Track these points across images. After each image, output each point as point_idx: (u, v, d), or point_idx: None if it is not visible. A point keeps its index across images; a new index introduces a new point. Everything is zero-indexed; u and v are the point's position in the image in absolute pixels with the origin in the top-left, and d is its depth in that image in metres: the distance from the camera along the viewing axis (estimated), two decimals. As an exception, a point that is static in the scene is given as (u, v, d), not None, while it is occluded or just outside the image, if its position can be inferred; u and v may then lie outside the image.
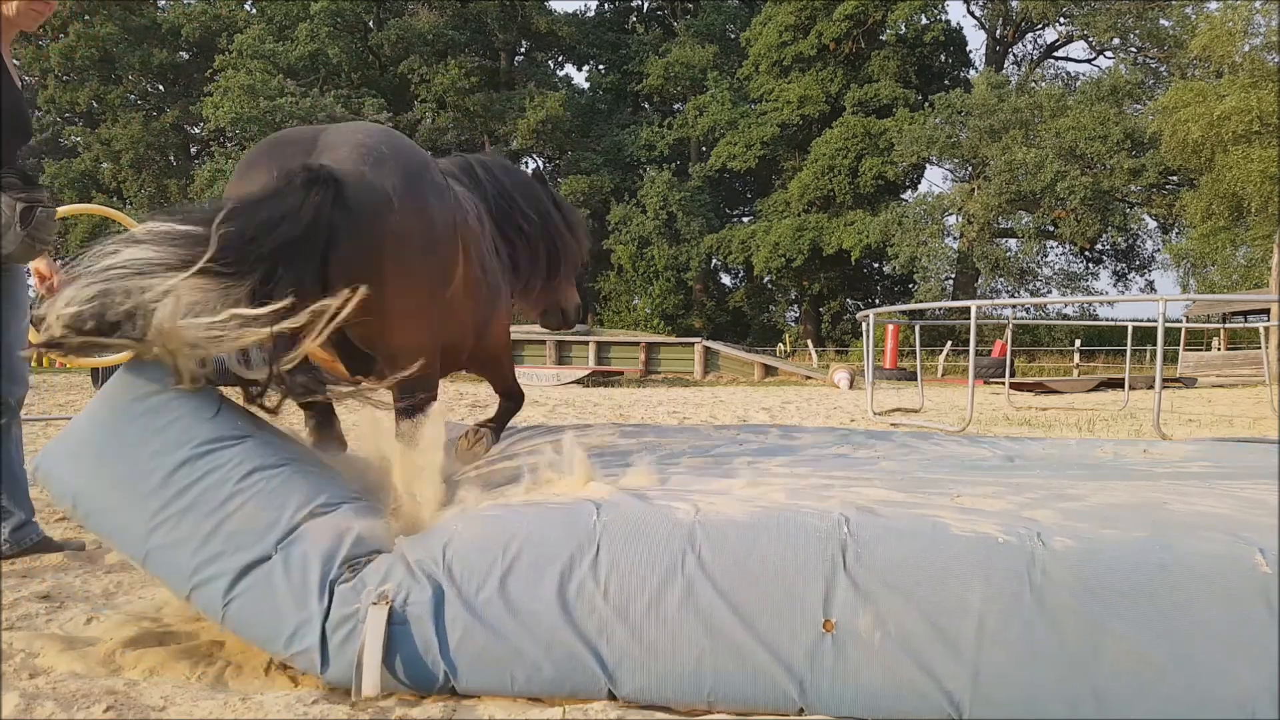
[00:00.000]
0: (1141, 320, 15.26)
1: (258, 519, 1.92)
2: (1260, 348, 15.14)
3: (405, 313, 2.35)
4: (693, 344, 22.82)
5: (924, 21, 35.34)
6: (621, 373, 21.37)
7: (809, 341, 33.26)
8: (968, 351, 13.32)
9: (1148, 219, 34.43)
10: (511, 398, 3.57)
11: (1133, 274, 36.13)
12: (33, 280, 3.09)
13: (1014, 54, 40.80)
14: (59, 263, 3.09)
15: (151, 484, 1.94)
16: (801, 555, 1.76)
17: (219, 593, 1.87)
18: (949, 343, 26.58)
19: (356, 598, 1.84)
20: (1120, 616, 1.62)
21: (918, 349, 12.14)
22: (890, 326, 21.64)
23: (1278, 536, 1.71)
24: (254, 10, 39.55)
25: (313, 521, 1.95)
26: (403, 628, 1.80)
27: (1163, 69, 34.71)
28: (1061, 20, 37.50)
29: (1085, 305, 34.13)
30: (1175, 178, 31.00)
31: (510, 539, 1.89)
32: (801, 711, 1.70)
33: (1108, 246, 35.15)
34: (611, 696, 1.76)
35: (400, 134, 2.52)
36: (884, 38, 35.61)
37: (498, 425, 3.50)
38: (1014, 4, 38.02)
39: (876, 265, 37.62)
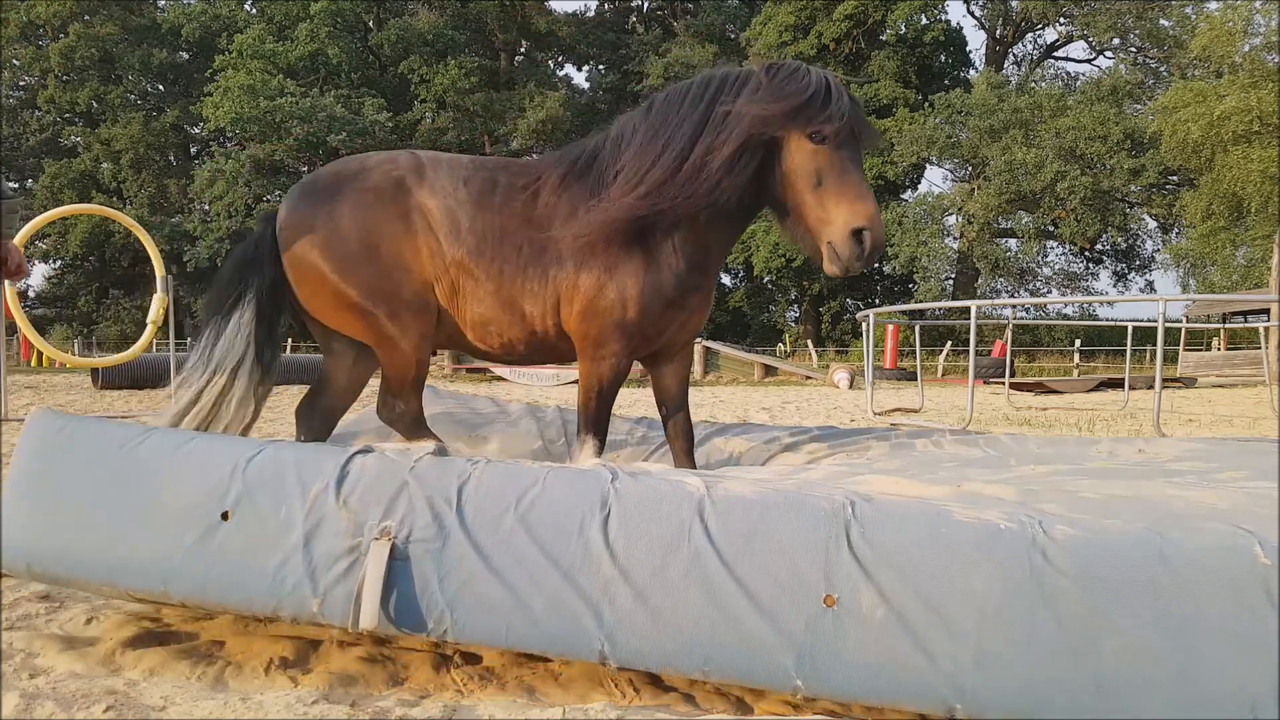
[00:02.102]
0: (1141, 320, 15.25)
1: (193, 492, 1.93)
2: (1260, 348, 15.15)
3: (329, 309, 2.86)
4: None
5: (924, 21, 35.35)
6: (621, 373, 21.36)
7: (809, 341, 33.27)
8: (968, 351, 13.32)
9: (1148, 219, 34.45)
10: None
11: (1133, 274, 36.18)
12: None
13: (1014, 54, 40.86)
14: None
15: (89, 508, 1.95)
16: (807, 532, 1.77)
17: (192, 578, 1.86)
18: (949, 343, 26.59)
19: (359, 531, 1.83)
20: (1121, 606, 1.63)
21: (918, 349, 12.13)
22: (890, 326, 21.64)
23: (1278, 532, 1.71)
24: (254, 10, 39.57)
25: (248, 472, 1.94)
26: (403, 564, 1.79)
27: (1163, 69, 34.74)
28: (1061, 20, 37.53)
29: (1085, 305, 34.15)
30: (1175, 178, 31.02)
31: (526, 490, 1.89)
32: (796, 690, 1.71)
33: (1108, 246, 35.17)
34: (603, 660, 1.75)
35: (367, 154, 3.01)
36: (884, 38, 35.63)
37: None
38: (1014, 4, 38.04)
39: (876, 265, 37.61)
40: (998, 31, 39.84)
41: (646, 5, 45.31)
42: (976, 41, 46.79)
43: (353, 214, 2.77)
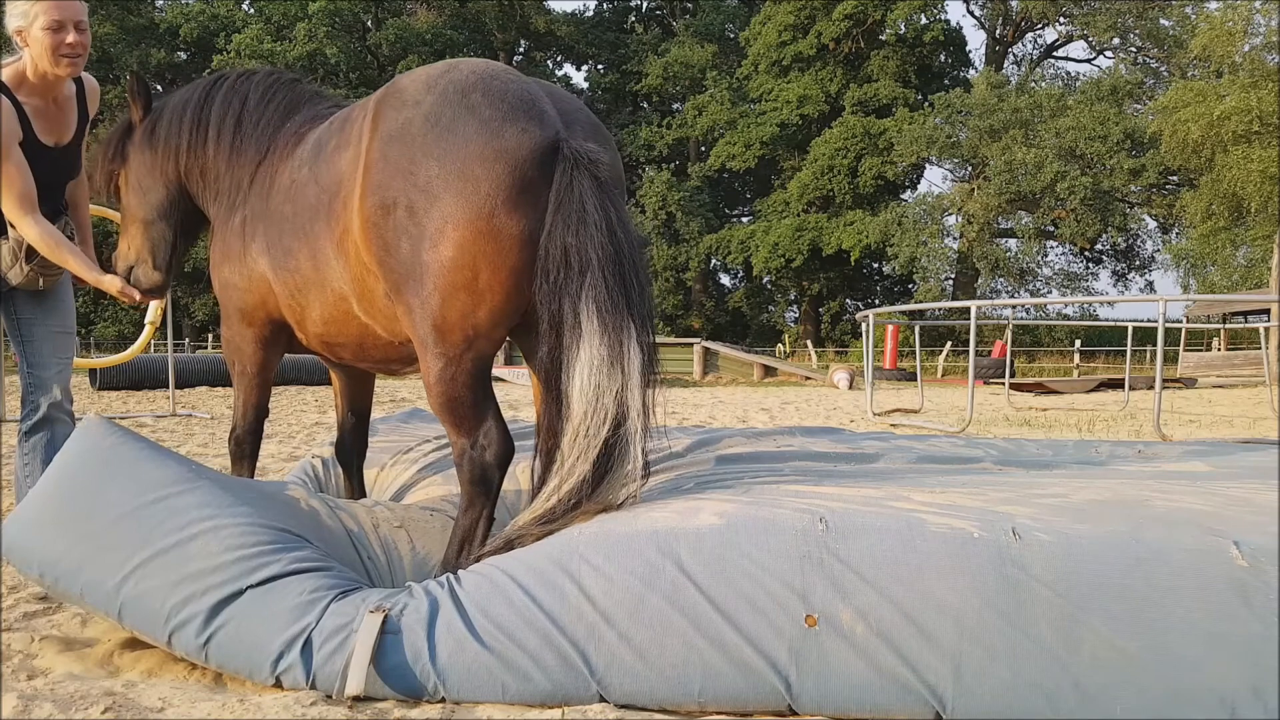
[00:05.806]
0: (1141, 320, 15.26)
1: (224, 554, 1.90)
2: (1260, 348, 15.14)
3: None
4: (692, 344, 22.79)
5: (924, 21, 35.35)
6: (621, 373, 21.33)
7: (808, 342, 33.25)
8: (967, 352, 13.32)
9: (1148, 219, 34.46)
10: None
11: (1133, 274, 36.19)
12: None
13: (1014, 54, 40.87)
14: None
15: (114, 536, 1.93)
16: (780, 552, 1.77)
17: (196, 634, 1.85)
18: (949, 343, 26.58)
19: (354, 610, 1.84)
20: (1097, 610, 1.63)
21: (917, 349, 12.12)
22: (890, 327, 21.62)
23: (1278, 538, 1.71)
24: (252, 10, 39.54)
25: (286, 554, 1.94)
26: (395, 637, 1.80)
27: (1163, 69, 34.75)
28: (1061, 20, 37.53)
29: (1085, 305, 34.13)
30: (1175, 178, 31.02)
31: (507, 554, 1.96)
32: (790, 708, 1.71)
33: (1108, 246, 35.18)
34: (603, 701, 1.76)
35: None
36: (883, 38, 35.62)
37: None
38: (1014, 4, 38.05)
39: (876, 265, 37.60)
40: (997, 31, 39.84)
41: (645, 5, 45.30)
42: (976, 41, 46.89)
43: None
